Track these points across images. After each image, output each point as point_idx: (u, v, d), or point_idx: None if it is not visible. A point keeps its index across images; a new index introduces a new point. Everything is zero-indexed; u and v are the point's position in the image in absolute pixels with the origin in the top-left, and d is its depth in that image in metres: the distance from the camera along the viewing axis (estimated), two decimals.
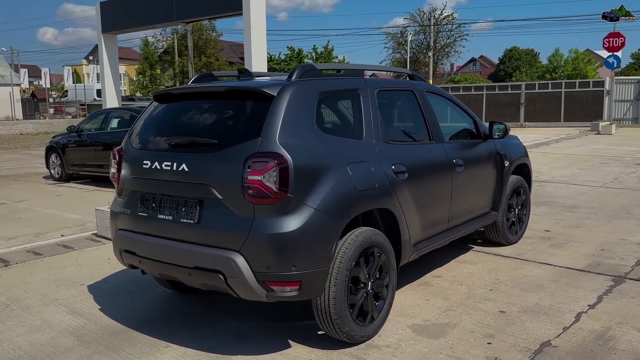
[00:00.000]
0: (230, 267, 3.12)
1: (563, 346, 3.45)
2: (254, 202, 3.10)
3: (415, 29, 45.19)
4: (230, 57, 60.51)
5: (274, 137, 3.15)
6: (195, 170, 3.29)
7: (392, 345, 3.52)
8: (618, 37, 22.31)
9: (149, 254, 3.54)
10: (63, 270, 5.28)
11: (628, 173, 10.72)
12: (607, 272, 4.83)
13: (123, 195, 3.80)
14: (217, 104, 3.62)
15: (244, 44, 14.26)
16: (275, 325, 3.90)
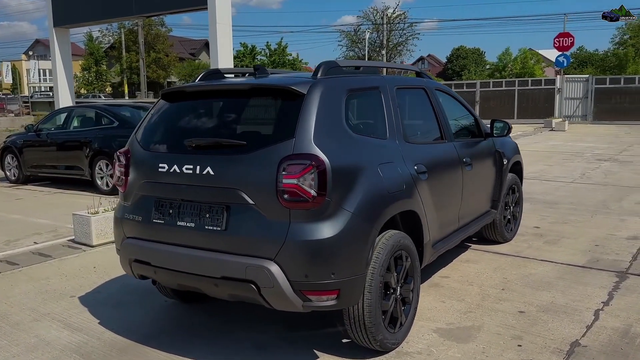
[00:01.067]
0: (264, 277, 2.92)
1: (592, 346, 3.45)
2: (290, 207, 2.92)
3: (369, 27, 45.52)
4: (180, 53, 59.23)
5: (309, 138, 2.97)
6: (222, 174, 3.07)
7: (423, 352, 3.42)
8: (568, 37, 23.15)
9: (167, 263, 3.29)
10: (47, 281, 4.90)
11: (593, 169, 11.07)
12: (608, 268, 4.90)
13: (131, 200, 3.52)
14: (241, 103, 3.41)
15: (209, 39, 13.90)
16: (295, 335, 3.72)
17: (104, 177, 9.25)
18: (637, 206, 7.46)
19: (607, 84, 24.10)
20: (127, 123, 9.30)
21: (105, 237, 6.04)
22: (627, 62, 47.52)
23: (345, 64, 3.64)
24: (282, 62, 46.44)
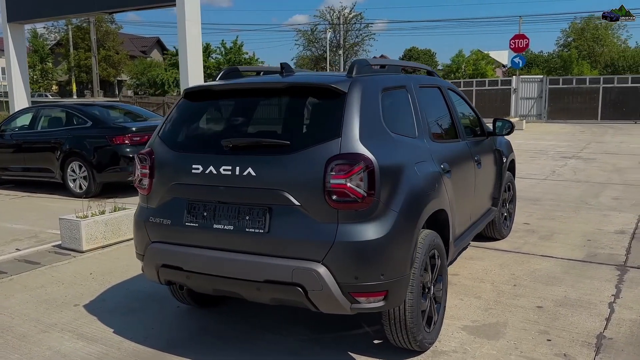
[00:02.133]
0: (312, 280, 2.86)
1: (617, 338, 3.55)
2: (338, 208, 2.86)
3: (326, 26, 45.64)
4: (131, 51, 57.63)
5: (356, 137, 2.92)
6: (265, 175, 2.98)
7: (458, 350, 3.43)
8: (523, 38, 23.93)
9: (202, 268, 3.16)
10: (43, 290, 4.64)
11: (560, 166, 11.47)
12: (607, 261, 5.07)
13: (157, 203, 3.37)
14: (279, 102, 3.32)
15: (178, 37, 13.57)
16: (326, 337, 3.66)
17: (76, 179, 8.87)
18: (614, 202, 7.77)
19: (560, 84, 25.06)
20: (101, 123, 8.97)
21: (96, 242, 5.79)
22: (571, 64, 49.58)
23: (373, 62, 3.61)
24: (239, 61, 45.92)
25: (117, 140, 8.54)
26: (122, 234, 6.07)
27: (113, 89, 57.65)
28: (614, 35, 53.50)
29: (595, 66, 51.07)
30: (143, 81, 49.24)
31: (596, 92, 24.15)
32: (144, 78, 49.08)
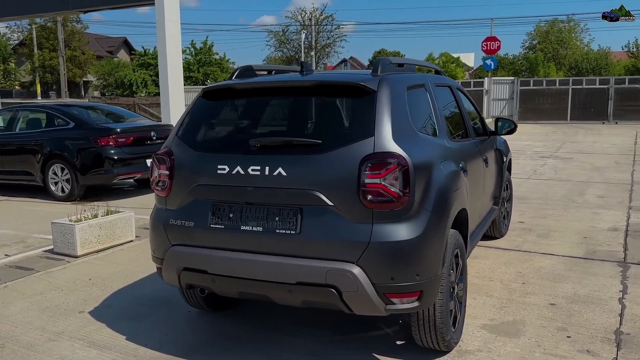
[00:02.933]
0: (347, 281, 2.81)
1: (635, 333, 3.60)
2: (373, 208, 2.82)
3: (297, 27, 45.61)
4: (97, 51, 56.36)
5: (389, 136, 2.89)
6: (296, 175, 2.91)
7: (483, 349, 3.43)
8: (494, 41, 24.38)
9: (229, 271, 3.08)
10: (43, 297, 4.46)
11: (540, 165, 11.69)
12: (608, 258, 5.17)
13: (178, 205, 3.27)
14: (306, 100, 3.25)
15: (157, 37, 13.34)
16: (343, 338, 3.62)
17: (58, 182, 8.60)
18: (600, 200, 7.95)
19: (530, 86, 25.60)
20: (84, 124, 8.72)
21: (90, 246, 5.60)
22: (537, 66, 50.70)
23: (394, 61, 3.58)
24: (209, 62, 45.41)
25: (102, 141, 8.31)
26: (117, 238, 5.89)
27: (79, 90, 56.28)
28: (577, 39, 54.93)
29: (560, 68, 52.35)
30: (110, 82, 48.19)
31: (565, 94, 24.76)
32: (111, 79, 48.03)
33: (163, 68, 12.81)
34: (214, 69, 44.56)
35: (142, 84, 44.94)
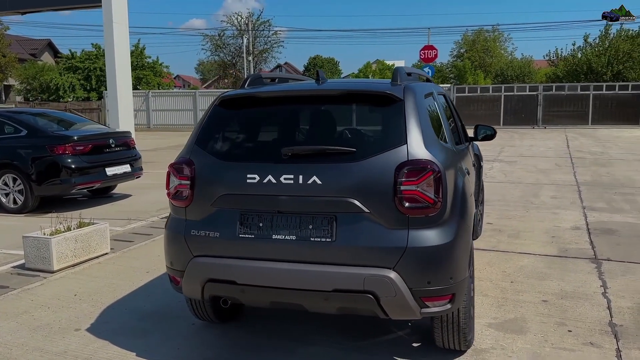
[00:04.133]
0: (386, 287, 2.86)
1: (627, 325, 3.87)
2: (409, 214, 2.89)
3: (234, 31, 45.18)
4: (19, 54, 53.26)
5: (421, 143, 2.97)
6: (332, 183, 2.93)
7: (496, 347, 3.57)
8: (432, 49, 25.17)
9: (260, 280, 3.04)
10: (30, 316, 4.21)
11: (489, 169, 12.21)
12: (580, 256, 5.51)
13: (201, 215, 3.19)
14: (333, 109, 3.27)
15: (104, 39, 12.92)
16: (361, 345, 3.66)
17: (10, 193, 8.10)
18: (554, 200, 8.43)
19: (466, 93, 26.72)
20: (39, 131, 8.27)
21: (66, 260, 5.33)
22: (465, 73, 52.88)
23: (408, 70, 3.68)
24: (141, 65, 44.04)
25: (59, 149, 7.91)
26: (92, 251, 5.64)
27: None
28: (501, 47, 57.78)
29: (487, 75, 54.84)
30: (35, 86, 45.70)
31: (498, 100, 26.04)
32: (36, 83, 45.57)
33: (111, 72, 12.39)
34: (147, 72, 43.26)
35: (70, 88, 42.93)
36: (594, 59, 35.63)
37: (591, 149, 15.97)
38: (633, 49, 34.66)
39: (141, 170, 9.35)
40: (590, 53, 36.91)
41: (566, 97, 25.86)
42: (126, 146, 9.00)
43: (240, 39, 45.68)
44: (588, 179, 10.43)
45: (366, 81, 3.56)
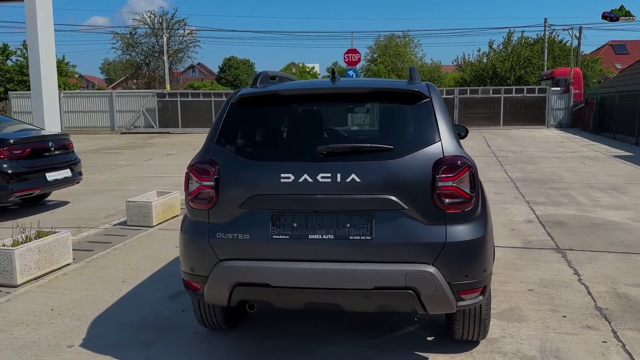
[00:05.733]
0: (427, 282, 2.90)
1: (611, 308, 4.17)
2: (446, 209, 2.95)
3: (146, 30, 43.58)
4: None
5: (453, 141, 3.05)
6: (371, 180, 2.92)
7: (506, 336, 3.72)
8: (355, 53, 25.68)
9: (297, 282, 2.97)
10: (8, 335, 3.83)
11: None
12: (544, 247, 5.87)
13: (226, 217, 3.06)
14: (361, 107, 3.25)
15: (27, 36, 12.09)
16: (378, 342, 3.67)
17: None
18: (498, 196, 8.89)
19: None
20: None
21: (30, 273, 4.91)
22: (380, 77, 54.53)
23: None
24: None
25: None
26: (55, 262, 5.23)
27: None
28: (411, 53, 60.11)
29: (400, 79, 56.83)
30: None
31: None
32: None
33: (35, 71, 11.56)
34: None
35: None
36: (499, 64, 38.09)
37: (510, 148, 17.01)
38: (533, 55, 37.47)
39: (81, 175, 8.79)
40: (494, 58, 39.43)
41: (479, 100, 27.37)
42: (65, 149, 8.42)
43: (153, 38, 44.19)
44: (520, 176, 11.11)
45: (386, 80, 3.59)
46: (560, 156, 14.72)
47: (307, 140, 3.17)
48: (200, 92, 29.08)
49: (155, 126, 28.18)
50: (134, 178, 11.92)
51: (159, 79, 43.32)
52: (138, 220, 7.06)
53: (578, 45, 37.99)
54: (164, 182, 11.11)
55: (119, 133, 27.60)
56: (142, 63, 45.45)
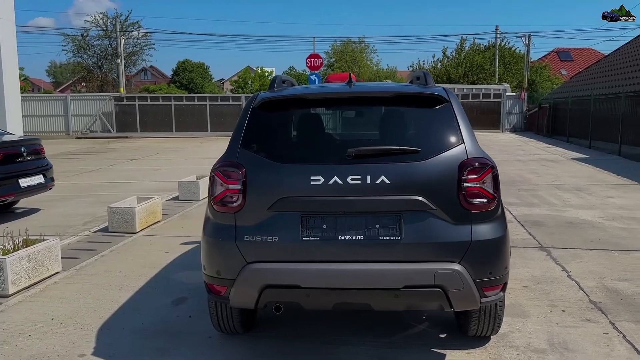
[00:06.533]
0: (455, 280, 2.99)
1: (604, 302, 4.39)
2: (472, 209, 3.05)
3: (99, 32, 42.48)
4: None
5: (475, 143, 3.16)
6: (400, 182, 2.99)
7: (514, 331, 3.86)
8: (317, 57, 25.86)
9: (327, 283, 3.00)
10: (13, 346, 3.70)
11: None
12: (528, 245, 6.11)
13: (254, 220, 3.07)
14: (386, 110, 3.31)
15: None
16: (393, 340, 3.74)
17: None
18: None
19: None
20: None
21: (21, 282, 4.74)
22: None
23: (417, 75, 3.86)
24: None
25: None
26: (45, 270, 5.07)
27: None
28: (367, 58, 60.89)
29: None
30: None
31: None
32: None
33: None
34: None
35: None
36: (452, 70, 39.17)
37: None
38: (484, 62, 38.72)
39: (53, 181, 8.52)
40: (448, 65, 40.51)
41: None
42: (37, 154, 8.15)
43: (106, 40, 43.13)
44: None
45: (401, 84, 3.67)
46: (521, 159, 15.27)
47: (335, 143, 3.22)
48: (160, 95, 28.58)
49: (112, 130, 27.51)
50: (102, 184, 11.62)
51: (112, 82, 42.25)
52: (120, 226, 6.90)
53: (527, 52, 39.55)
54: (133, 187, 10.89)
55: (75, 138, 26.81)
56: (94, 66, 44.24)
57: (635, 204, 8.46)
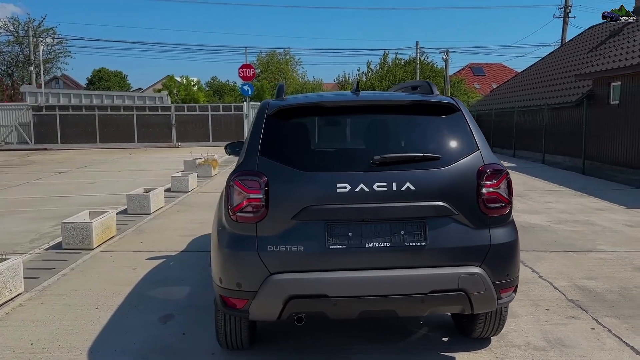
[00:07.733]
0: (477, 283, 3.06)
1: (581, 299, 4.65)
2: (490, 214, 3.15)
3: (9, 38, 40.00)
4: None
5: (489, 149, 3.27)
6: (424, 188, 3.03)
7: (510, 331, 4.00)
8: (249, 68, 25.68)
9: (355, 291, 2.98)
10: None
11: None
12: None
13: (277, 230, 2.99)
14: (403, 118, 3.33)
15: None
16: (398, 346, 3.77)
17: None
18: None
19: None
20: None
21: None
22: (264, 93, 54.87)
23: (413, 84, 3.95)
24: None
25: None
26: (8, 292, 4.67)
27: None
28: (293, 70, 61.27)
29: None
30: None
31: None
32: None
33: None
34: None
35: None
36: (377, 83, 40.27)
37: None
38: (406, 75, 40.18)
39: None
40: (373, 78, 41.62)
41: None
42: None
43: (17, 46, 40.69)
44: None
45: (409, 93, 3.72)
46: None
47: (357, 150, 3.21)
48: (82, 105, 27.20)
49: (30, 142, 25.89)
50: (34, 199, 10.87)
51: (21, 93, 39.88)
52: (75, 242, 6.49)
53: (446, 66, 41.45)
54: (71, 201, 10.30)
55: None
56: (4, 74, 41.57)
57: (574, 208, 9.07)
